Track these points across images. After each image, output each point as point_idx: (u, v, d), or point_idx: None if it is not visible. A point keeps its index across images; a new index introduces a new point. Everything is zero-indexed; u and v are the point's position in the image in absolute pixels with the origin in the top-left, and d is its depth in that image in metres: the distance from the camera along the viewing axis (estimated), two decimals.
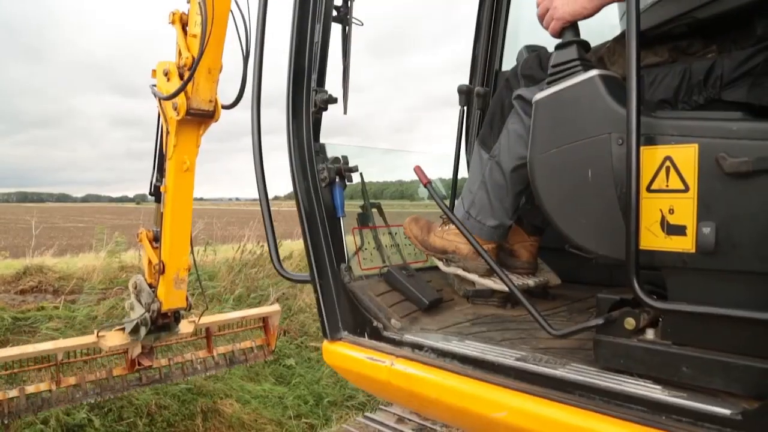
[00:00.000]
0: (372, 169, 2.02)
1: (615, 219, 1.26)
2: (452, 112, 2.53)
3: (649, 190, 1.21)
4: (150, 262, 3.45)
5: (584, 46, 1.44)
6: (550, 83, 1.41)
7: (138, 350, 3.68)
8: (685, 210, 1.16)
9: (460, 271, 1.98)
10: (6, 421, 3.41)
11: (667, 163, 1.19)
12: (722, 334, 1.13)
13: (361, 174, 1.99)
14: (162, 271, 3.26)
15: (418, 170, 1.83)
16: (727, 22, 1.46)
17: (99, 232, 7.25)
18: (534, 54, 1.80)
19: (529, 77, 1.74)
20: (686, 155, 1.16)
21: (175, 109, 2.84)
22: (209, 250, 7.68)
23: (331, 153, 1.92)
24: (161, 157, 3.31)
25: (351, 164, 1.94)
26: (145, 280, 3.48)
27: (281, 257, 7.48)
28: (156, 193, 3.40)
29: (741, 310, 1.07)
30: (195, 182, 3.20)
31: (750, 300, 1.09)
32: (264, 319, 4.45)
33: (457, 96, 2.51)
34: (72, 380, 3.62)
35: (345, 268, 1.86)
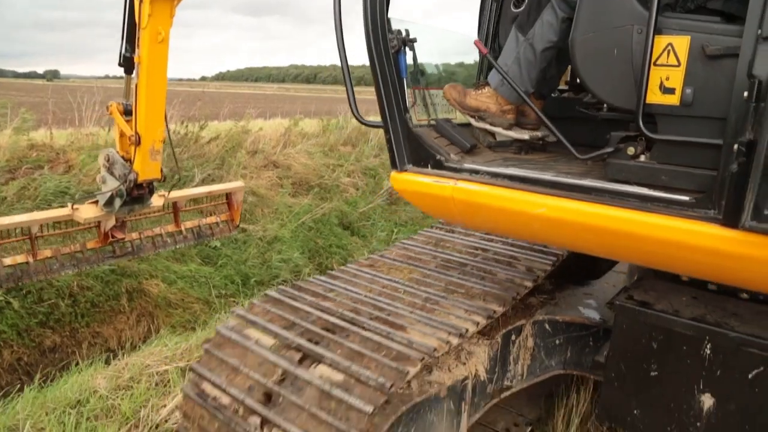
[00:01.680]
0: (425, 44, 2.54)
1: (630, 82, 1.88)
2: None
3: (655, 64, 1.81)
4: (122, 134, 3.46)
5: None
6: None
7: (111, 223, 3.73)
8: (676, 78, 1.80)
9: (488, 126, 2.52)
10: None
11: (669, 47, 1.80)
12: (687, 155, 1.83)
13: (414, 45, 2.46)
14: (138, 143, 3.29)
15: (478, 43, 2.53)
16: None
17: (1, 107, 6.72)
18: None
19: None
20: (682, 43, 1.78)
21: None
22: None
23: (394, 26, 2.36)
24: (131, 28, 3.27)
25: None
26: (118, 152, 3.49)
27: (208, 139, 7.13)
28: (126, 64, 3.39)
29: (700, 138, 1.77)
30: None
31: (706, 133, 1.77)
32: (228, 195, 4.52)
33: None
34: (48, 252, 3.62)
35: (408, 117, 2.37)
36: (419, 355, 1.91)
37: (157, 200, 3.80)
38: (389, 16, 2.33)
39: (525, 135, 2.51)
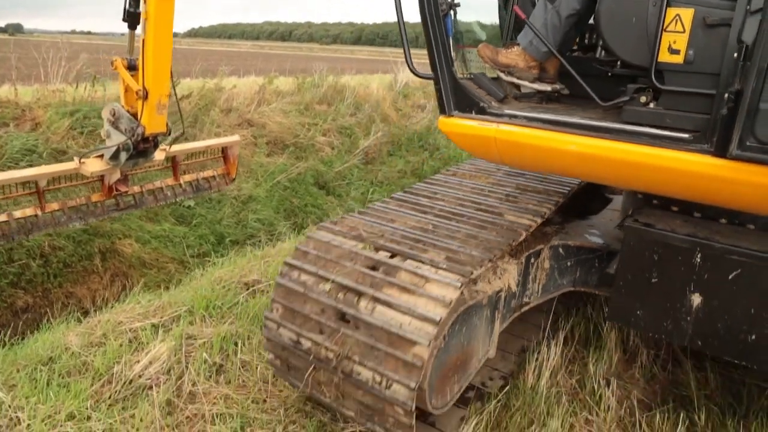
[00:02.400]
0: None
1: (644, 44, 2.35)
2: None
3: (665, 30, 2.27)
4: (127, 89, 3.50)
5: None
6: None
7: (116, 176, 3.79)
8: (681, 42, 2.26)
9: (515, 79, 2.95)
10: (2, 243, 3.58)
11: (677, 17, 2.25)
12: (687, 103, 2.29)
13: (455, 9, 2.87)
14: (145, 97, 3.34)
15: (517, 9, 2.95)
16: None
17: None
18: None
19: None
20: (687, 14, 2.24)
21: None
22: (98, 86, 7.10)
23: None
24: None
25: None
26: (123, 107, 3.52)
27: (180, 96, 6.99)
28: (129, 19, 3.36)
29: (699, 89, 2.24)
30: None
31: (703, 85, 2.23)
32: (224, 149, 4.56)
33: None
34: (55, 206, 3.68)
35: (454, 70, 2.78)
36: (522, 227, 2.86)
37: (158, 154, 3.85)
38: None
39: (547, 87, 2.99)
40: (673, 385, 3.25)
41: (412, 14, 2.82)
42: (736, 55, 2.07)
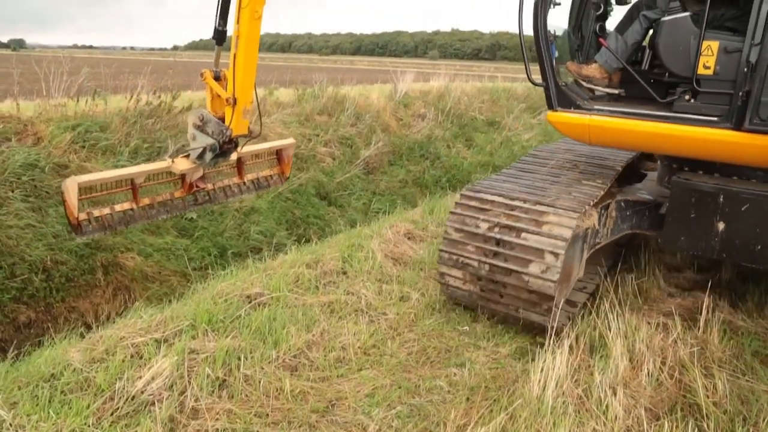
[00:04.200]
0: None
1: (689, 63, 3.59)
2: None
3: (701, 54, 3.51)
4: (213, 97, 3.98)
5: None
6: (670, 12, 3.77)
7: (199, 174, 4.20)
8: (711, 62, 3.50)
9: (592, 85, 4.16)
10: (106, 233, 3.99)
11: (708, 46, 3.49)
12: (715, 99, 3.56)
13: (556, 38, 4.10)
14: (234, 104, 3.80)
15: (602, 41, 4.19)
16: None
17: None
18: None
19: (649, 7, 3.98)
20: (714, 44, 3.48)
21: None
22: (98, 100, 7.11)
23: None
24: (225, 4, 3.80)
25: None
26: (209, 112, 3.97)
27: (181, 109, 7.03)
28: (218, 36, 3.87)
29: (722, 90, 3.53)
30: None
31: (725, 88, 3.50)
32: (278, 151, 4.91)
33: None
34: (146, 200, 4.07)
35: (559, 78, 4.01)
36: (600, 187, 4.09)
37: (232, 155, 4.25)
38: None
39: (615, 91, 4.19)
40: (681, 392, 3.21)
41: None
42: (745, 69, 3.37)
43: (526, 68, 4.04)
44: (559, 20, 4.33)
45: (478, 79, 17.63)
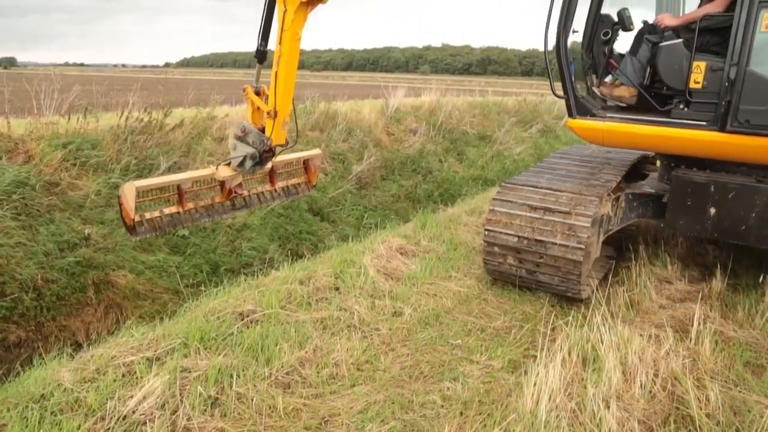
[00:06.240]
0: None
1: (683, 78, 4.44)
2: None
3: (692, 72, 4.35)
4: (254, 110, 4.29)
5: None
6: (665, 39, 4.63)
7: (237, 181, 4.39)
8: (700, 78, 4.33)
9: (616, 101, 4.96)
10: (157, 234, 4.22)
11: (698, 66, 4.33)
12: (704, 108, 4.38)
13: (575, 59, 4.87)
14: (275, 116, 4.07)
15: (612, 61, 5.12)
16: None
17: None
18: (649, 24, 4.86)
19: (652, 33, 4.72)
20: (702, 64, 4.31)
21: None
22: (90, 118, 7.10)
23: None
24: (267, 25, 4.13)
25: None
26: (251, 124, 4.25)
27: (172, 126, 7.04)
28: (260, 55, 4.22)
29: (709, 101, 4.33)
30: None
31: (712, 99, 4.32)
32: (305, 161, 5.12)
33: None
34: (190, 205, 4.26)
35: (578, 92, 4.83)
36: (613, 180, 4.91)
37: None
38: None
39: (624, 102, 4.94)
40: (674, 404, 3.22)
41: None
42: (726, 84, 4.13)
43: (550, 83, 4.87)
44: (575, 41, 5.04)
45: (469, 94, 17.71)
